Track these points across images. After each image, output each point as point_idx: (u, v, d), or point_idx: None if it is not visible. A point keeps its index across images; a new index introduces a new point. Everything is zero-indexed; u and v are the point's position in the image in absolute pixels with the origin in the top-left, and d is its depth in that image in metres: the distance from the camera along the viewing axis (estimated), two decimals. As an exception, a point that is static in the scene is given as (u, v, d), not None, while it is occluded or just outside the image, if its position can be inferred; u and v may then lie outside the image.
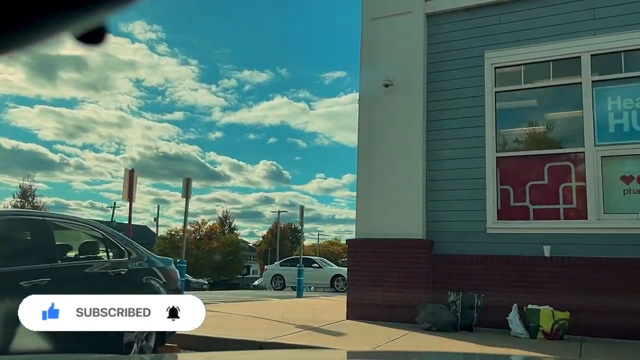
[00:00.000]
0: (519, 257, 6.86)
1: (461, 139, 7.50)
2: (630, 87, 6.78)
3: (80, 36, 0.52)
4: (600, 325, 6.29)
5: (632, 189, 6.59)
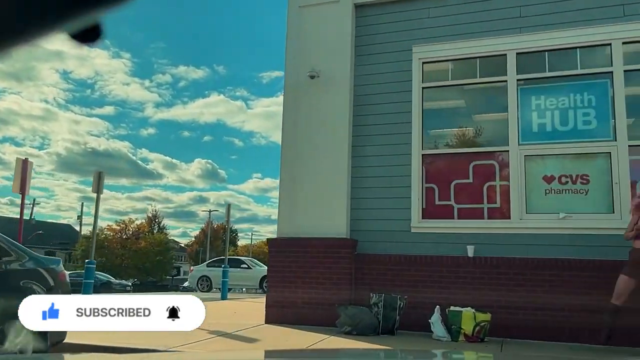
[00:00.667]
0: (443, 257, 6.69)
1: (388, 135, 7.25)
2: (553, 87, 6.77)
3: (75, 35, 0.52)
4: (522, 327, 6.21)
5: (553, 189, 6.56)
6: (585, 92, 6.60)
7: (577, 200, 6.45)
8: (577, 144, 6.52)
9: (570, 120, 6.62)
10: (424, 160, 7.16)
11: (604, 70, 6.52)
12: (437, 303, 6.39)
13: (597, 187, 6.37)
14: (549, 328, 6.15)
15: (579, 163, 6.54)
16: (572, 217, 6.34)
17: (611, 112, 6.43)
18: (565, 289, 6.14)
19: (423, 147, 7.16)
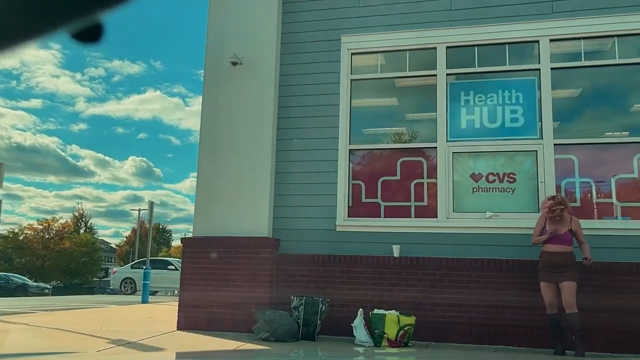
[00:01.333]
0: (369, 258, 6.36)
1: (314, 129, 6.85)
2: (482, 83, 6.61)
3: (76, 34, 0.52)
4: (448, 330, 5.98)
5: (481, 187, 6.39)
6: (513, 89, 6.48)
7: (503, 199, 6.31)
8: (504, 142, 6.39)
9: (499, 118, 6.47)
10: (351, 156, 6.82)
11: (532, 68, 6.43)
12: (362, 306, 6.06)
13: (523, 186, 6.25)
14: (476, 331, 5.96)
15: (506, 161, 6.40)
16: (498, 216, 6.18)
17: (538, 110, 6.34)
18: (491, 291, 5.96)
19: (350, 142, 6.82)
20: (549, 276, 5.28)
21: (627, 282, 5.65)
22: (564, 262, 5.22)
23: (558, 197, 5.37)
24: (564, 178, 6.19)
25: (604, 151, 6.26)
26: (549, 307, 5.31)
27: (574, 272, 5.20)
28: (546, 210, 5.34)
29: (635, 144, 6.08)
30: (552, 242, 5.31)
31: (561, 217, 5.30)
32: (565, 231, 5.30)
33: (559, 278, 5.21)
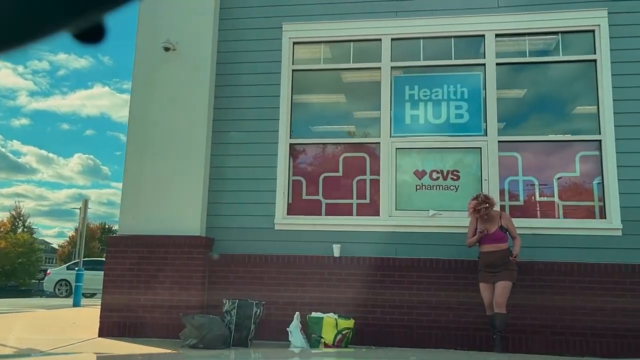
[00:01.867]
0: (308, 258, 6.03)
1: (253, 121, 6.46)
2: (427, 77, 6.40)
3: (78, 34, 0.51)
4: (389, 333, 5.73)
5: (424, 185, 6.17)
6: (459, 84, 6.30)
7: (447, 197, 6.11)
8: (449, 138, 6.20)
9: (444, 113, 6.28)
10: (292, 151, 6.47)
11: (478, 63, 6.27)
12: (300, 308, 5.73)
13: (467, 184, 6.08)
14: (418, 333, 5.73)
15: (450, 158, 6.21)
16: (441, 214, 5.98)
17: (483, 106, 6.18)
18: (434, 292, 5.75)
19: (291, 136, 6.46)
20: (486, 277, 5.13)
21: (568, 283, 5.55)
22: (499, 261, 5.07)
23: (481, 196, 5.21)
24: (507, 176, 6.06)
25: (547, 149, 6.17)
26: (488, 308, 5.15)
27: (509, 271, 5.06)
28: (471, 210, 5.18)
29: (578, 142, 6.01)
30: (485, 241, 5.18)
31: (488, 215, 5.15)
32: (495, 229, 5.15)
33: (495, 277, 5.07)
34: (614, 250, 5.58)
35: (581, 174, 5.97)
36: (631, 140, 5.74)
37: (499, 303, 5.00)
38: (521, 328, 5.53)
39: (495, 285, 5.07)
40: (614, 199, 5.69)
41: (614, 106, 5.83)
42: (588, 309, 5.50)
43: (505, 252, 5.10)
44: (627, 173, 5.70)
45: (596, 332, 5.45)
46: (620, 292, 5.46)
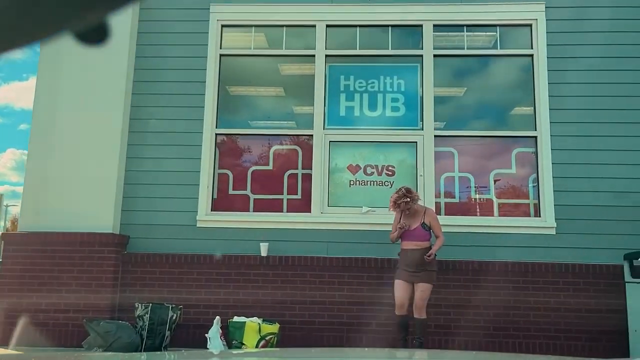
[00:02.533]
0: (233, 257, 5.58)
1: (176, 109, 5.94)
2: (363, 67, 6.09)
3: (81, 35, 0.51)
4: (317, 337, 5.36)
5: (358, 180, 5.85)
6: (395, 75, 6.02)
7: (381, 193, 5.81)
8: (384, 132, 5.90)
9: (379, 106, 5.98)
10: (218, 141, 6.00)
11: (415, 54, 6.01)
12: (223, 312, 5.28)
13: (402, 180, 5.79)
14: (348, 337, 5.39)
15: (385, 152, 5.92)
16: (375, 211, 5.67)
17: (419, 98, 5.93)
18: (366, 293, 5.43)
19: (217, 125, 5.99)
20: (403, 274, 4.81)
21: (503, 283, 5.37)
22: (420, 260, 4.78)
23: (402, 190, 4.90)
24: (443, 173, 5.83)
25: (484, 146, 5.99)
26: (399, 308, 4.81)
27: (429, 273, 4.78)
28: (391, 204, 4.87)
29: (514, 139, 5.86)
30: (406, 238, 4.87)
31: (410, 210, 4.87)
32: (417, 226, 4.87)
33: (415, 278, 4.77)
34: (548, 249, 5.45)
35: (517, 171, 5.83)
36: (566, 137, 5.63)
37: (420, 307, 4.73)
38: (455, 330, 5.30)
39: (414, 287, 4.78)
40: (548, 197, 5.57)
41: (550, 102, 5.71)
42: (522, 309, 5.34)
43: (427, 252, 4.83)
44: (561, 171, 5.59)
45: (529, 333, 5.29)
46: (553, 292, 5.33)
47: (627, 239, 5.32)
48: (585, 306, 5.26)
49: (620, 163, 5.54)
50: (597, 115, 5.64)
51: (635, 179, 5.50)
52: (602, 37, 5.75)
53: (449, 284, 5.37)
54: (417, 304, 4.73)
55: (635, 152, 5.54)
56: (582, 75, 5.71)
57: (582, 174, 5.56)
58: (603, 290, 5.27)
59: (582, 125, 5.63)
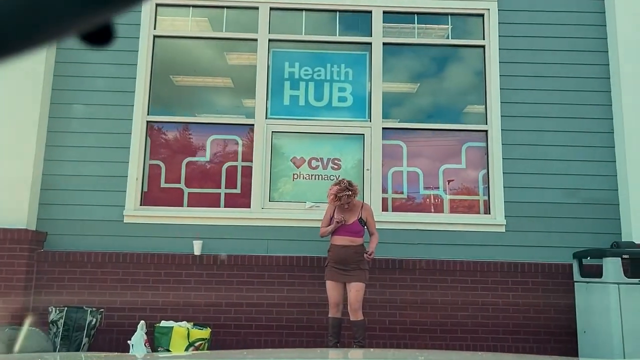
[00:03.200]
0: (163, 256, 5.11)
1: (104, 93, 5.42)
2: (308, 54, 5.73)
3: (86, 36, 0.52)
4: (254, 341, 4.97)
5: (302, 174, 5.49)
6: (343, 64, 5.69)
7: (327, 188, 5.44)
8: (330, 123, 5.56)
9: (326, 95, 5.64)
10: (150, 129, 5.51)
11: (364, 41, 5.69)
12: (149, 316, 4.82)
13: (348, 174, 5.47)
14: (287, 340, 5.02)
15: (331, 145, 5.58)
16: (319, 207, 5.32)
17: (368, 89, 5.62)
18: (307, 294, 5.08)
19: (149, 112, 5.50)
20: (335, 274, 4.47)
21: (450, 282, 5.12)
22: (353, 258, 4.45)
23: (344, 182, 4.58)
24: (391, 167, 5.54)
25: (434, 139, 5.73)
26: (333, 309, 4.47)
27: (362, 272, 4.47)
28: (332, 197, 4.54)
29: (465, 133, 5.63)
30: (339, 233, 4.52)
31: (349, 204, 4.56)
32: (354, 220, 4.56)
33: (347, 277, 4.44)
34: (497, 247, 5.24)
35: (467, 166, 5.59)
36: (517, 132, 5.44)
37: (356, 309, 4.41)
38: (400, 333, 5.02)
39: (347, 287, 4.46)
40: (498, 193, 5.36)
41: (501, 95, 5.51)
42: (470, 310, 5.10)
43: (360, 249, 4.51)
44: (512, 166, 5.39)
45: (477, 335, 5.06)
46: (502, 292, 5.12)
47: (577, 237, 5.17)
48: (534, 306, 5.08)
49: (569, 159, 5.39)
50: (548, 109, 5.48)
51: (585, 175, 5.36)
52: (553, 29, 5.60)
53: (396, 284, 5.08)
54: (353, 306, 4.40)
55: (585, 147, 5.40)
56: (533, 68, 5.54)
57: (532, 170, 5.38)
58: (552, 290, 5.09)
59: (533, 119, 5.46)
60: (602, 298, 4.38)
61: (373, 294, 4.96)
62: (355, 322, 4.40)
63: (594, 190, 5.33)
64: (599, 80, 5.51)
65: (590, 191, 5.32)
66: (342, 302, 4.50)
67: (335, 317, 4.47)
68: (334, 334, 4.44)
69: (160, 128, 5.56)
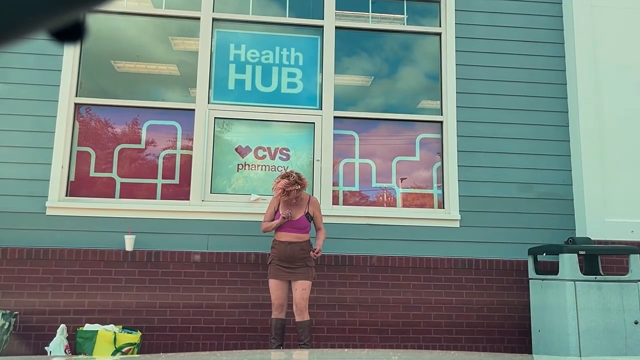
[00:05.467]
0: (90, 252, 4.62)
1: (25, 71, 4.86)
2: (256, 36, 5.34)
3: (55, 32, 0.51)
4: (190, 345, 4.56)
5: (247, 164, 5.10)
6: (293, 47, 5.34)
7: (274, 179, 5.09)
8: (279, 110, 5.19)
9: (274, 80, 5.27)
10: (78, 112, 4.99)
11: (315, 24, 5.35)
12: (73, 319, 4.34)
13: (297, 164, 5.13)
14: (227, 344, 4.63)
15: (279, 133, 5.22)
16: (265, 200, 4.95)
17: (319, 75, 5.28)
18: (250, 293, 4.70)
19: (78, 94, 4.98)
20: (279, 272, 4.14)
21: (403, 280, 4.86)
22: (299, 255, 4.14)
23: (293, 175, 4.24)
24: (343, 158, 5.23)
25: (387, 130, 5.45)
26: (277, 309, 4.12)
27: (309, 269, 4.16)
28: (280, 191, 4.19)
29: (419, 123, 5.37)
30: (284, 229, 4.19)
31: (297, 198, 4.24)
32: (301, 215, 4.23)
33: (292, 275, 4.12)
34: (451, 243, 5.01)
35: (421, 159, 5.35)
36: (473, 123, 5.24)
37: (302, 308, 4.09)
38: (350, 334, 4.71)
39: (293, 286, 4.14)
40: (453, 187, 5.14)
41: (457, 85, 5.29)
42: (422, 309, 4.86)
43: (307, 245, 4.19)
44: (467, 159, 5.18)
45: (429, 335, 4.82)
46: (456, 290, 4.90)
47: (531, 232, 5.01)
48: (487, 305, 4.88)
49: (525, 152, 5.22)
50: (503, 101, 5.30)
51: (539, 169, 5.21)
52: (511, 18, 5.43)
53: (345, 281, 4.78)
54: (299, 305, 4.07)
55: (539, 141, 5.25)
56: (490, 58, 5.35)
57: (488, 163, 5.19)
58: (506, 288, 4.91)
59: (489, 111, 5.27)
60: (557, 295, 4.21)
61: (320, 292, 4.65)
62: (301, 323, 4.07)
63: (549, 185, 5.18)
64: (555, 72, 5.37)
65: (545, 185, 5.18)
66: (287, 302, 4.15)
67: (279, 318, 4.12)
68: (278, 335, 4.09)
69: (90, 111, 5.04)
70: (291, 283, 4.12)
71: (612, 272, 4.74)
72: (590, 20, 5.32)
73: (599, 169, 5.09)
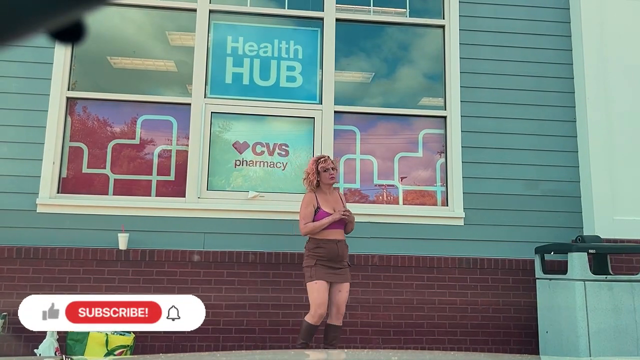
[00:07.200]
0: (83, 251, 4.47)
1: (17, 64, 4.71)
2: (254, 29, 5.19)
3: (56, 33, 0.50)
4: (185, 347, 4.41)
5: (245, 160, 4.94)
6: (292, 40, 5.19)
7: (272, 176, 4.96)
8: (278, 104, 5.03)
9: (273, 74, 5.11)
10: (71, 107, 4.84)
11: (315, 16, 5.19)
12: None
13: (297, 161, 4.98)
14: (224, 345, 4.48)
15: (278, 129, 5.07)
16: (264, 196, 4.80)
17: (319, 68, 5.13)
18: (248, 293, 4.56)
19: (70, 87, 4.83)
20: (327, 273, 3.80)
21: (405, 280, 4.71)
22: (346, 253, 3.92)
23: (327, 158, 4.01)
24: (344, 154, 5.08)
25: (389, 125, 5.30)
26: (319, 315, 3.74)
27: (348, 269, 3.99)
28: (311, 174, 3.91)
29: (422, 118, 5.22)
30: (331, 226, 3.89)
31: (331, 189, 4.07)
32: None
33: (337, 276, 3.84)
34: (455, 241, 4.86)
35: (424, 155, 5.20)
36: (477, 118, 5.08)
37: (343, 312, 3.90)
38: (351, 336, 4.57)
39: (336, 287, 3.86)
40: (457, 184, 4.99)
41: (461, 79, 5.14)
42: (426, 310, 4.71)
43: (346, 243, 4.00)
44: (472, 155, 5.03)
45: (432, 337, 4.67)
46: (460, 290, 4.75)
47: (538, 231, 4.86)
48: (493, 305, 4.73)
49: (531, 148, 5.07)
50: (509, 95, 5.14)
51: (546, 166, 5.06)
52: (516, 10, 5.27)
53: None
54: (342, 309, 3.86)
55: (545, 136, 5.10)
56: (495, 51, 5.20)
57: (493, 159, 5.03)
58: (512, 288, 4.76)
59: (494, 105, 5.11)
60: (566, 296, 4.06)
61: (321, 293, 4.48)
62: (338, 328, 3.88)
63: (556, 182, 5.03)
64: (562, 66, 5.22)
65: (552, 182, 5.03)
66: None
67: (317, 325, 3.77)
68: (309, 340, 3.85)
69: (83, 106, 4.89)
70: (332, 285, 3.85)
71: (622, 272, 4.59)
72: (598, 13, 5.17)
73: (607, 165, 4.94)
